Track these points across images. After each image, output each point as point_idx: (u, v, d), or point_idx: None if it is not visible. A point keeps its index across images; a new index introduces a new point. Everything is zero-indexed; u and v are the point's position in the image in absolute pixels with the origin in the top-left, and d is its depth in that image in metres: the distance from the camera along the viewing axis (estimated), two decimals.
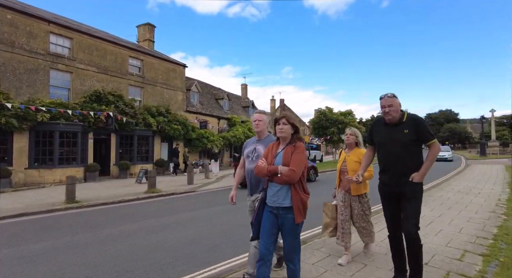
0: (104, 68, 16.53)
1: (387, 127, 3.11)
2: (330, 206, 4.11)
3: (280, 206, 2.64)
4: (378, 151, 3.25)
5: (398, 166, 3.04)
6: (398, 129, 3.03)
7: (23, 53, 13.10)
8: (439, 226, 5.60)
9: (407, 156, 3.00)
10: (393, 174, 3.08)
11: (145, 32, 22.53)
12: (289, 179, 2.54)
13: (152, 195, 10.80)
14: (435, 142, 3.01)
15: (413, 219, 2.95)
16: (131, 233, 5.84)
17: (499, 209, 7.02)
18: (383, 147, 3.18)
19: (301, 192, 2.64)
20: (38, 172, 13.34)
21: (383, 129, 3.15)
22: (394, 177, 3.08)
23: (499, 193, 9.35)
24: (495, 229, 5.40)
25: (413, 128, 2.98)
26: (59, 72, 14.51)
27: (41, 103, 13.07)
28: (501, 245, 4.50)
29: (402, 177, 3.01)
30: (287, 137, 2.73)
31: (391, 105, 3.01)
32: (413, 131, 2.97)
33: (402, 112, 3.08)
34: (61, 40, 14.68)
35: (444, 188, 10.69)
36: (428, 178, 14.28)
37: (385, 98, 3.05)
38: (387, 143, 3.11)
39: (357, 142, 4.02)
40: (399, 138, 3.01)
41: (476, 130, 74.32)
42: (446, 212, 6.76)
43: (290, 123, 2.70)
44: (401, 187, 3.03)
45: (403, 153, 3.01)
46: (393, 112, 3.01)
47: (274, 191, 2.66)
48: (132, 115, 17.09)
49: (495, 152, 38.23)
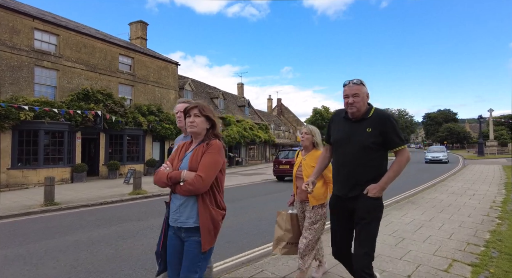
0: (92, 66, 16.14)
1: (348, 123, 2.49)
2: (284, 215, 3.33)
3: (182, 227, 2.00)
4: (334, 151, 2.62)
5: (353, 174, 2.41)
6: (360, 127, 2.41)
7: (5, 50, 12.68)
8: (428, 231, 5.25)
9: (366, 162, 2.36)
10: (346, 184, 2.46)
11: (138, 30, 22.13)
12: (194, 188, 1.90)
13: (137, 196, 10.44)
14: (404, 149, 2.37)
15: (365, 247, 2.32)
16: (101, 239, 5.48)
17: (493, 212, 6.68)
18: (338, 147, 2.53)
19: (212, 206, 1.99)
20: (22, 172, 12.95)
21: (342, 124, 2.53)
22: (346, 187, 2.45)
23: (494, 195, 9.02)
24: (488, 234, 5.06)
25: (378, 127, 2.35)
26: (45, 69, 14.11)
27: (24, 102, 12.68)
28: (493, 253, 4.15)
29: (356, 188, 2.39)
30: (201, 134, 2.11)
31: (356, 95, 2.36)
32: (377, 131, 2.34)
33: (369, 106, 2.47)
34: (46, 37, 14.27)
35: (438, 189, 10.35)
36: (422, 180, 14.05)
37: (350, 85, 2.40)
38: (344, 142, 2.46)
39: (314, 142, 3.33)
40: (359, 138, 2.38)
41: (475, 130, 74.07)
42: (437, 216, 6.42)
43: (204, 115, 2.09)
44: (354, 202, 2.41)
45: (361, 158, 2.37)
46: (358, 104, 2.36)
47: (176, 206, 2.02)
48: (121, 114, 16.71)
49: (493, 152, 38.07)
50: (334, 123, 2.65)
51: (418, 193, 9.87)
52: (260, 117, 36.96)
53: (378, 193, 2.34)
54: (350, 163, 2.42)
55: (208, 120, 2.12)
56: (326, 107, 30.13)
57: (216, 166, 1.99)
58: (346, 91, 2.41)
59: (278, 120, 45.18)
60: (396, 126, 2.39)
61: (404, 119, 77.64)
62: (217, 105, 27.91)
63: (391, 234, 5.12)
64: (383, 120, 2.37)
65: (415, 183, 12.61)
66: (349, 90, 2.39)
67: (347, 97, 2.40)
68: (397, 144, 2.36)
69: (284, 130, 44.32)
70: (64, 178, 14.15)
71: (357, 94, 2.37)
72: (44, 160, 13.55)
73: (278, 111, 50.71)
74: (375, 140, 2.34)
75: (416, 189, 11.03)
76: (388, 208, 7.36)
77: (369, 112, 2.43)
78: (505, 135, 58.22)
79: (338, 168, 2.55)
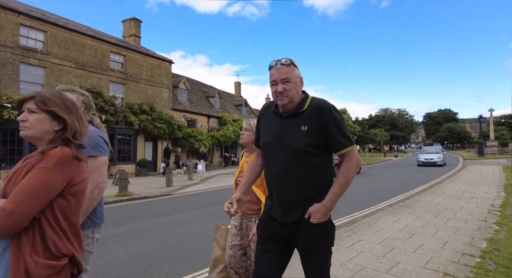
0: (82, 64, 15.76)
1: (279, 119, 1.82)
2: (224, 230, 2.67)
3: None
4: (263, 159, 1.94)
5: (285, 191, 1.76)
6: (293, 125, 1.75)
7: None
8: (420, 240, 4.86)
9: (302, 172, 1.72)
10: (278, 205, 1.79)
11: (131, 27, 21.74)
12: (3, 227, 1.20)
13: (122, 198, 10.05)
14: (351, 152, 1.73)
15: None
16: None
17: (492, 217, 6.29)
18: (267, 153, 1.86)
19: (33, 254, 1.23)
20: (6, 173, 12.51)
21: (272, 121, 1.86)
22: (278, 209, 1.79)
23: (493, 198, 8.63)
24: (484, 242, 4.67)
25: (316, 124, 1.70)
26: (31, 67, 13.74)
27: (8, 100, 12.30)
28: (489, 266, 3.76)
29: (291, 212, 1.74)
30: (41, 139, 1.38)
31: (287, 80, 1.71)
32: (316, 129, 1.70)
33: (305, 95, 1.82)
34: (33, 33, 13.90)
35: (435, 192, 9.96)
36: (419, 181, 13.63)
37: (278, 67, 1.74)
38: (274, 146, 1.80)
39: None
40: (291, 140, 1.73)
41: (476, 130, 73.68)
42: (431, 221, 6.02)
43: (45, 110, 1.36)
44: (292, 229, 1.76)
45: (295, 166, 1.72)
46: (290, 92, 1.72)
47: None
48: (112, 113, 16.33)
49: (494, 152, 37.68)
50: (263, 119, 1.95)
51: (414, 195, 9.48)
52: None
53: (324, 216, 1.70)
54: (281, 175, 1.76)
55: (55, 118, 1.37)
56: None
57: (39, 190, 1.23)
58: (274, 75, 1.74)
59: None
60: (341, 121, 1.76)
61: (404, 119, 77.18)
62: (213, 104, 27.51)
63: (380, 242, 4.73)
64: (322, 113, 1.71)
65: (411, 185, 12.23)
66: (277, 74, 1.73)
67: (275, 84, 1.74)
68: (343, 145, 1.72)
69: None
70: None
71: (288, 79, 1.72)
72: None
73: None
74: (312, 141, 1.70)
75: (412, 191, 10.64)
76: (381, 212, 6.99)
77: (304, 103, 1.77)
78: (505, 135, 57.89)
79: (268, 182, 1.89)
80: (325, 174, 1.78)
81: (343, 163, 1.75)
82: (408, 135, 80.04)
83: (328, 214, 1.73)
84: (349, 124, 28.70)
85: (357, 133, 34.27)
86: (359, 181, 14.26)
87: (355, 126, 29.68)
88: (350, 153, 1.73)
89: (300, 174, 1.72)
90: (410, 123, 79.05)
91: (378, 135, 54.03)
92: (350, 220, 6.50)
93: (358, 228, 5.55)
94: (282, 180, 1.76)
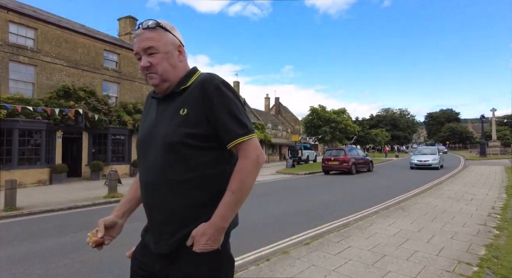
0: (74, 62, 15.48)
1: (156, 105, 1.32)
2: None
3: None
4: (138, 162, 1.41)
5: (158, 203, 1.21)
6: (171, 110, 1.24)
7: None
8: (414, 246, 4.52)
9: (181, 176, 1.17)
10: (152, 223, 1.26)
11: (126, 25, 21.49)
12: None
13: (111, 200, 9.75)
14: (249, 142, 1.18)
15: None
16: (40, 253, 4.78)
17: (491, 221, 5.94)
18: (139, 154, 1.33)
19: None
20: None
21: (151, 110, 1.35)
22: (150, 233, 1.27)
23: (494, 200, 8.27)
24: (483, 249, 4.33)
25: (198, 105, 1.19)
26: (21, 65, 13.47)
27: None
28: (487, 276, 3.44)
29: (165, 237, 1.18)
30: None
31: (152, 51, 1.22)
32: (198, 112, 1.19)
33: (192, 70, 1.32)
34: (23, 31, 13.63)
35: (434, 193, 9.61)
36: (417, 182, 13.26)
37: (139, 32, 1.24)
38: (146, 143, 1.27)
39: None
40: (164, 129, 1.21)
41: (478, 130, 73.14)
42: (428, 225, 5.68)
43: None
44: (166, 261, 1.19)
45: (171, 168, 1.17)
46: (160, 66, 1.22)
47: None
48: (105, 113, 16.04)
49: (496, 152, 37.27)
50: (145, 110, 1.43)
51: (412, 197, 9.13)
52: (257, 117, 36.27)
53: (212, 241, 1.11)
54: (151, 183, 1.22)
55: None
56: (322, 106, 29.27)
57: None
58: (135, 45, 1.25)
59: (275, 120, 44.47)
60: (233, 100, 1.21)
61: (405, 119, 76.71)
62: None
63: (371, 249, 4.40)
64: (206, 90, 1.19)
65: (410, 186, 11.88)
66: (140, 42, 1.23)
67: (139, 57, 1.25)
68: (234, 134, 1.17)
69: (281, 129, 43.59)
70: (42, 179, 13.49)
71: (153, 48, 1.21)
72: (19, 160, 12.89)
73: (276, 111, 49.96)
74: (193, 129, 1.17)
75: (410, 192, 10.29)
76: (375, 215, 6.65)
77: (187, 80, 1.27)
78: (508, 135, 57.37)
79: (141, 192, 1.31)
80: (221, 176, 1.19)
81: (239, 158, 1.18)
82: (410, 136, 79.51)
83: (220, 238, 1.13)
84: (349, 124, 28.29)
85: (357, 133, 33.90)
86: (357, 182, 13.95)
87: (355, 126, 29.27)
88: (245, 145, 1.17)
89: (178, 179, 1.16)
90: (412, 124, 78.57)
91: (379, 136, 53.59)
92: (342, 223, 6.17)
93: (350, 233, 5.22)
94: (154, 189, 1.20)
